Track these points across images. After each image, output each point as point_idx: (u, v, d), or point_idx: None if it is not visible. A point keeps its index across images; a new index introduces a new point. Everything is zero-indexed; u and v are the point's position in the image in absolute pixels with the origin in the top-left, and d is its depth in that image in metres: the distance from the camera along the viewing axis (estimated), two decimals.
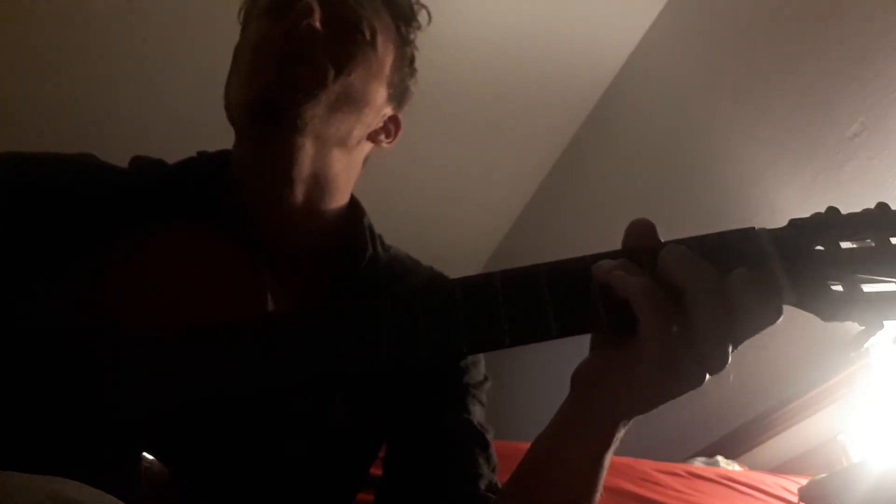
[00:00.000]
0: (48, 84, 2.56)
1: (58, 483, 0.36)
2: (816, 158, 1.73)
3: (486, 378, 0.75)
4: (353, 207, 0.77)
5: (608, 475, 0.50)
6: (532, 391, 2.74)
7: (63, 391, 0.50)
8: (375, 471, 0.71)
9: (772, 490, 1.57)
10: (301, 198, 0.69)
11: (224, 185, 0.70)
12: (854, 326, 0.42)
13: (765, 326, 0.41)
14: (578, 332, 0.44)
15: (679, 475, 1.52)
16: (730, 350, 0.40)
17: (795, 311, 0.44)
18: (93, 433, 0.48)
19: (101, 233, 0.61)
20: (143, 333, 0.52)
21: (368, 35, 0.70)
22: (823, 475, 1.52)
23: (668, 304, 0.40)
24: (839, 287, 0.42)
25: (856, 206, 0.45)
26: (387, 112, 0.76)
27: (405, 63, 0.78)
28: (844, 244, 0.43)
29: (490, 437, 0.70)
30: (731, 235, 0.45)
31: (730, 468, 1.76)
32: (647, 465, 1.51)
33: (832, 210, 0.45)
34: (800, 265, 0.43)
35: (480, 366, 0.75)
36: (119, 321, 0.54)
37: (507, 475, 0.56)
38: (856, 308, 0.41)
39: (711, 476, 1.56)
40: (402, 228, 1.71)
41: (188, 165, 0.73)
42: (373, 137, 0.76)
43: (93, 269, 0.58)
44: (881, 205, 0.44)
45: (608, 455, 0.49)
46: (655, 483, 1.44)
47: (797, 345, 1.72)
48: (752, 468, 1.83)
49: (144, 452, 0.48)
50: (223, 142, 0.73)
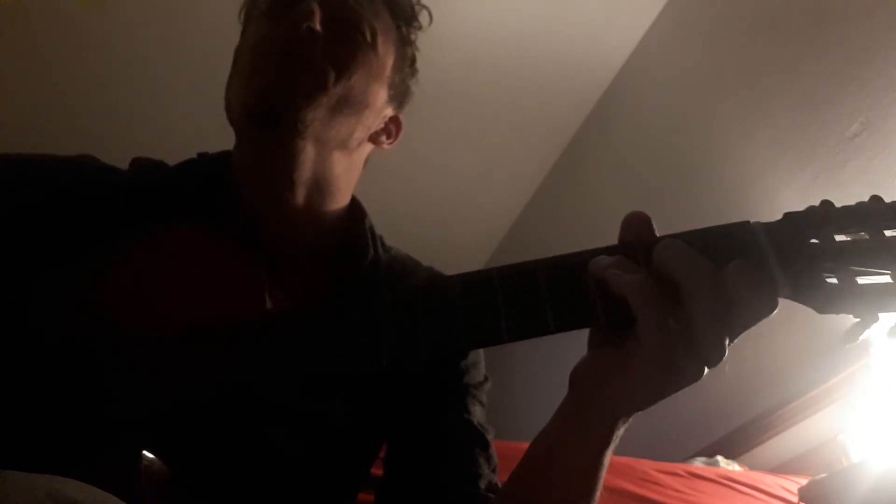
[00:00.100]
0: (48, 85, 2.56)
1: (58, 482, 0.37)
2: (816, 158, 1.73)
3: (487, 378, 0.75)
4: (354, 208, 0.77)
5: (608, 475, 0.50)
6: (532, 391, 2.74)
7: (63, 391, 0.50)
8: (375, 471, 0.71)
9: (772, 490, 1.58)
10: (301, 199, 0.69)
11: (224, 186, 0.70)
12: (850, 322, 0.42)
13: (760, 319, 0.41)
14: (576, 328, 0.44)
15: (679, 475, 1.52)
16: (727, 343, 0.40)
17: (795, 312, 0.45)
18: (93, 432, 0.48)
19: (101, 233, 0.61)
20: (143, 333, 0.52)
21: (369, 36, 0.70)
22: (823, 475, 1.52)
23: (665, 299, 0.41)
24: (834, 279, 0.42)
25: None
26: (387, 113, 0.76)
27: (406, 63, 0.77)
28: (839, 237, 0.43)
29: (490, 438, 0.70)
30: (727, 229, 0.45)
31: (730, 468, 1.76)
32: (647, 465, 1.51)
33: (826, 203, 0.45)
34: (795, 258, 0.43)
35: (480, 366, 0.75)
36: (119, 321, 0.54)
37: (507, 475, 0.56)
38: (851, 300, 0.41)
39: (711, 476, 1.56)
40: (402, 228, 1.72)
41: (188, 167, 0.73)
42: (374, 139, 0.76)
43: (93, 270, 0.58)
44: (875, 198, 0.44)
45: (608, 454, 0.49)
46: (655, 483, 1.44)
47: (797, 345, 1.72)
48: (752, 468, 1.84)
49: (144, 451, 0.48)
50: (223, 143, 0.73)
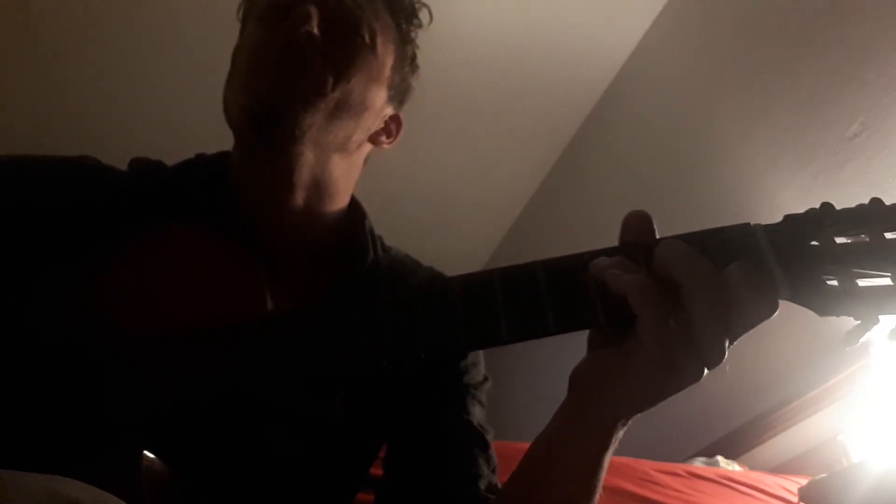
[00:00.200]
0: (47, 85, 2.56)
1: (58, 482, 0.37)
2: (816, 158, 1.73)
3: (486, 378, 0.75)
4: (354, 209, 0.77)
5: (608, 475, 0.50)
6: (532, 391, 2.74)
7: (63, 391, 0.50)
8: (375, 471, 0.71)
9: (772, 490, 1.57)
10: (301, 201, 0.69)
11: (224, 187, 0.70)
12: (850, 323, 0.42)
13: (761, 321, 0.41)
14: (576, 329, 0.44)
15: (679, 475, 1.52)
16: (727, 344, 0.40)
17: (795, 312, 0.44)
18: (93, 432, 0.48)
19: (101, 233, 0.61)
20: (144, 333, 0.52)
21: (368, 38, 0.69)
22: (823, 475, 1.52)
23: (665, 300, 0.41)
24: (834, 282, 0.42)
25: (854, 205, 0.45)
26: (387, 112, 0.76)
27: (406, 62, 0.77)
28: (839, 239, 0.44)
29: (490, 438, 0.70)
30: (727, 231, 0.45)
31: (730, 468, 1.76)
32: (647, 465, 1.51)
33: (827, 205, 0.45)
34: (795, 260, 0.43)
35: (480, 366, 0.75)
36: (119, 321, 0.54)
37: (507, 475, 0.56)
38: (851, 302, 0.41)
39: (711, 476, 1.56)
40: (402, 228, 1.72)
41: (187, 167, 0.73)
42: (373, 139, 0.76)
43: (93, 270, 0.58)
44: (875, 200, 0.44)
45: (607, 455, 0.49)
46: (655, 483, 1.44)
47: (797, 345, 1.72)
48: (752, 468, 1.83)
49: (145, 451, 0.48)
50: (222, 143, 0.73)
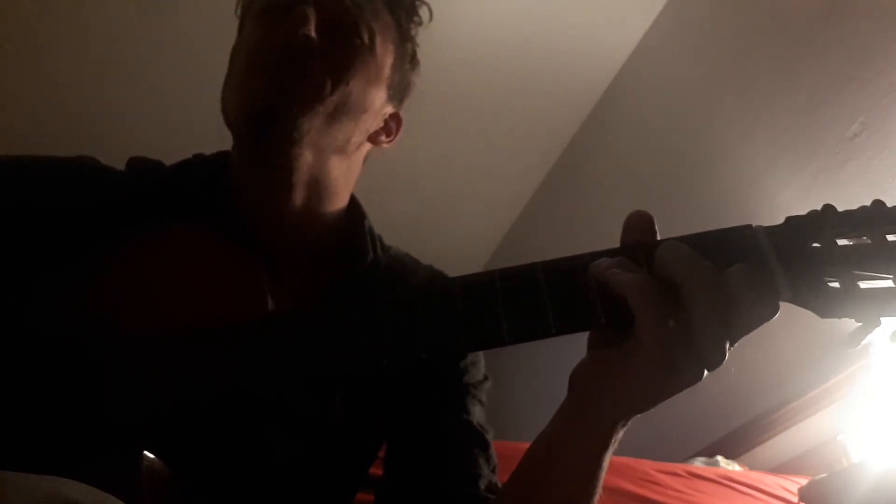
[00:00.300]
0: (47, 85, 2.56)
1: (57, 483, 0.37)
2: (816, 158, 1.73)
3: (486, 378, 0.75)
4: (354, 209, 0.77)
5: (608, 475, 0.50)
6: (532, 391, 2.74)
7: (63, 391, 0.50)
8: (375, 471, 0.71)
9: (772, 490, 1.57)
10: (300, 202, 0.69)
11: (223, 187, 0.70)
12: (851, 324, 0.42)
13: (761, 323, 0.41)
14: (577, 330, 0.44)
15: (679, 475, 1.52)
16: (727, 346, 0.40)
17: (795, 312, 0.44)
18: (93, 433, 0.48)
19: (101, 233, 0.61)
20: (144, 333, 0.52)
21: (367, 39, 0.69)
22: (823, 475, 1.52)
23: (665, 301, 0.41)
24: (836, 283, 0.42)
25: (855, 206, 0.45)
26: (387, 111, 0.76)
27: (406, 60, 0.76)
28: (841, 241, 0.43)
29: (490, 438, 0.70)
30: (728, 233, 0.45)
31: (730, 468, 1.76)
32: (647, 465, 1.51)
33: (828, 207, 0.45)
34: (796, 262, 0.43)
35: (480, 365, 0.75)
36: (119, 321, 0.54)
37: (507, 475, 0.56)
38: (853, 304, 0.41)
39: (711, 476, 1.56)
40: (403, 228, 1.72)
41: (186, 167, 0.73)
42: (373, 138, 0.76)
43: (92, 270, 0.58)
44: (877, 202, 0.44)
45: (607, 455, 0.49)
46: (655, 483, 1.44)
47: (797, 345, 1.72)
48: (752, 468, 1.83)
49: (145, 452, 0.48)
50: (222, 143, 0.73)
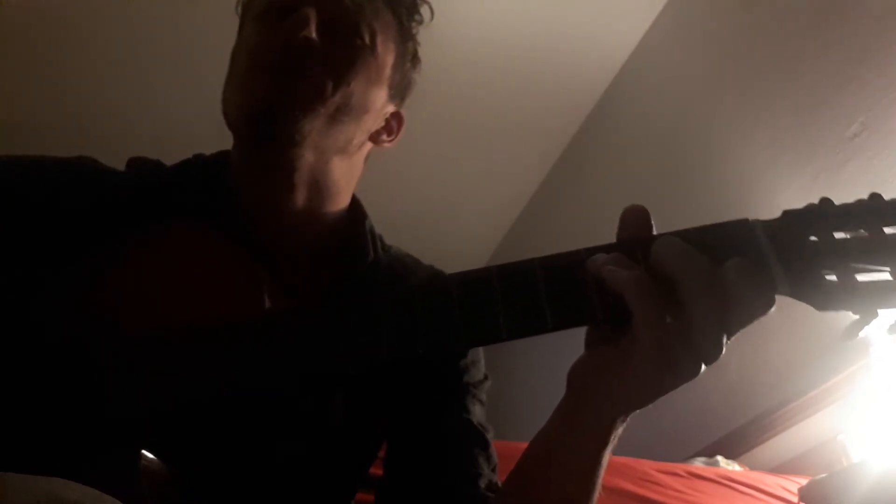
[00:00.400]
0: (47, 85, 2.56)
1: (56, 483, 0.37)
2: (816, 158, 1.73)
3: (486, 377, 0.75)
4: (355, 209, 0.77)
5: (608, 475, 0.50)
6: (532, 391, 2.74)
7: (63, 391, 0.50)
8: (375, 471, 0.71)
9: (772, 490, 1.57)
10: (301, 202, 0.69)
11: (223, 187, 0.70)
12: (849, 318, 0.42)
13: (758, 317, 0.41)
14: (574, 326, 0.44)
15: (679, 475, 1.52)
16: (724, 340, 0.40)
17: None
18: (92, 433, 0.48)
19: (101, 233, 0.61)
20: (143, 333, 0.52)
21: (368, 39, 0.69)
22: (823, 475, 1.51)
23: (662, 297, 0.41)
24: (833, 277, 0.42)
25: None
26: (388, 110, 0.76)
27: (407, 59, 0.76)
28: (838, 234, 0.43)
29: (490, 437, 0.70)
30: (725, 227, 0.45)
31: (730, 468, 1.76)
32: (647, 465, 1.51)
33: (825, 201, 0.45)
34: (794, 255, 0.43)
35: (480, 365, 0.75)
36: (119, 321, 0.54)
37: (507, 475, 0.56)
38: (850, 297, 0.41)
39: (711, 476, 1.56)
40: (403, 228, 1.71)
41: (186, 167, 0.73)
42: (374, 138, 0.76)
43: (93, 270, 0.58)
44: (874, 195, 0.44)
45: (606, 453, 0.49)
46: (655, 483, 1.44)
47: (797, 345, 1.71)
48: (752, 468, 1.83)
49: (144, 451, 0.48)
50: (222, 143, 0.73)
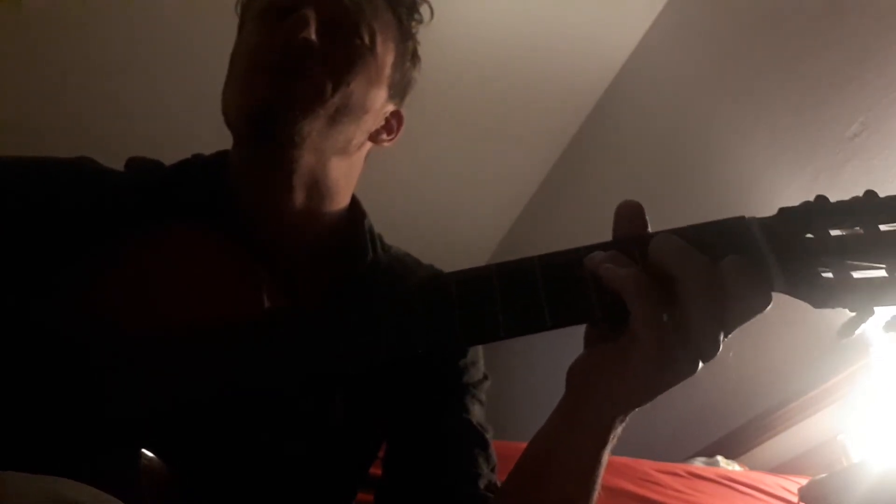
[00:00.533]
0: (47, 85, 2.56)
1: (57, 483, 0.37)
2: (816, 158, 1.73)
3: (486, 377, 0.75)
4: (354, 209, 0.77)
5: (607, 475, 0.50)
6: (532, 391, 2.74)
7: (63, 391, 0.50)
8: (375, 471, 0.71)
9: (772, 490, 1.57)
10: (300, 202, 0.69)
11: (223, 187, 0.70)
12: (846, 315, 0.43)
13: (756, 314, 0.41)
14: (572, 324, 0.44)
15: (679, 475, 1.52)
16: (721, 338, 0.41)
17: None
18: (93, 433, 0.48)
19: (101, 233, 0.61)
20: (143, 333, 0.52)
21: (367, 39, 0.69)
22: (823, 475, 1.51)
23: (659, 294, 0.41)
24: (829, 274, 0.42)
25: None
26: (388, 110, 0.76)
27: (407, 58, 0.76)
28: (834, 231, 0.44)
29: (489, 437, 0.70)
30: (722, 224, 0.45)
31: (730, 468, 1.76)
32: (647, 465, 1.51)
33: (821, 198, 0.45)
34: (790, 253, 0.43)
35: (479, 364, 0.75)
36: (119, 321, 0.54)
37: (507, 475, 0.56)
38: (846, 294, 0.42)
39: (711, 476, 1.56)
40: (403, 228, 1.71)
41: (185, 167, 0.73)
42: (374, 137, 0.76)
43: (92, 270, 0.58)
44: (869, 192, 0.44)
45: (606, 452, 0.49)
46: (655, 483, 1.44)
47: (797, 345, 1.71)
48: (752, 468, 1.83)
49: (144, 451, 0.48)
50: (222, 143, 0.73)
